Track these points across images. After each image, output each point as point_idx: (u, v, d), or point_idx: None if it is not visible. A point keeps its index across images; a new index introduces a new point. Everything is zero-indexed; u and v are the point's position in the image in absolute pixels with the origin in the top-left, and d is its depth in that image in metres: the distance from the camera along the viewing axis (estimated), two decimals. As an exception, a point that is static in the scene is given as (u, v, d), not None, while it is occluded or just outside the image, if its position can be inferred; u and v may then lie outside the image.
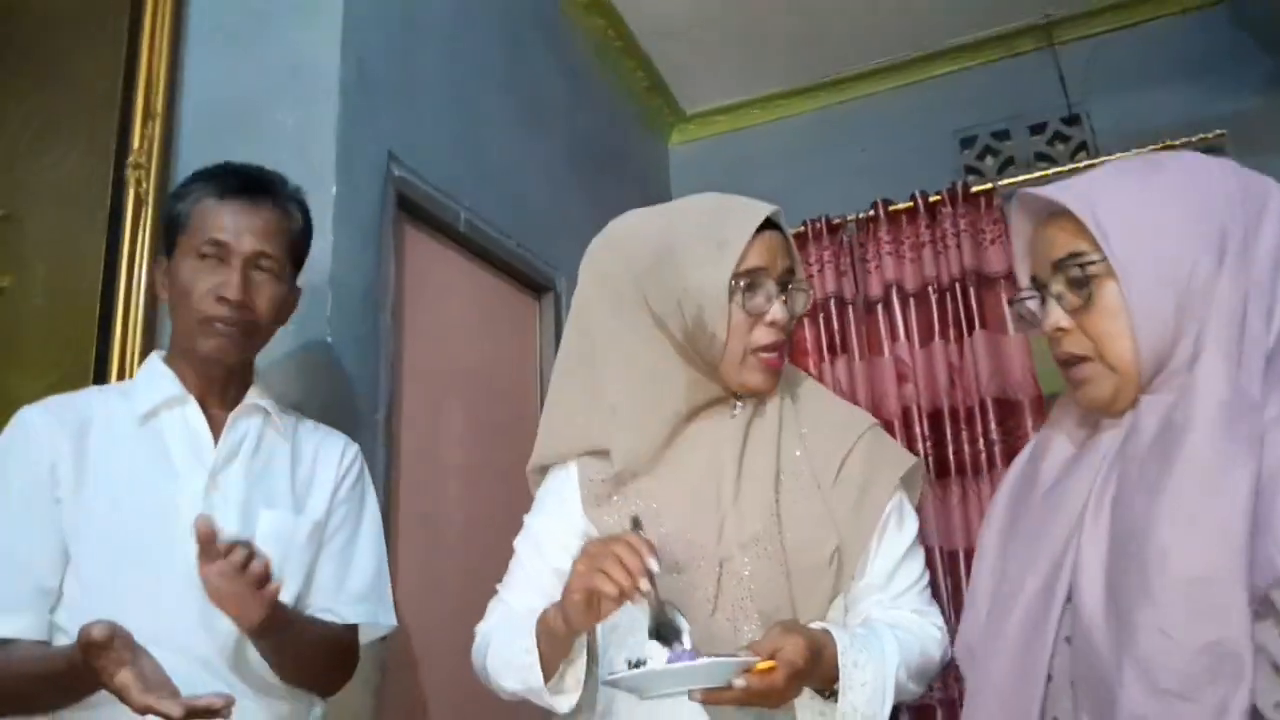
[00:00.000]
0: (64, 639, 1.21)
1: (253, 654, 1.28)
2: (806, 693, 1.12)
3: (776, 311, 1.23)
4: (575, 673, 1.19)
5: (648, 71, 3.69)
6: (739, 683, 1.00)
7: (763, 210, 1.26)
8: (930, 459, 3.01)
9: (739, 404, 1.30)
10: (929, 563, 2.77)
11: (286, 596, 1.32)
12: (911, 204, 3.26)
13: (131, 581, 1.19)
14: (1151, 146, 3.09)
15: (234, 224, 1.34)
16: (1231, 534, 0.81)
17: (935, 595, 1.34)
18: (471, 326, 2.46)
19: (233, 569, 1.10)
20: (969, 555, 2.82)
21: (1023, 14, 3.45)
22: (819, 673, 1.09)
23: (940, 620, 1.28)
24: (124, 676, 1.04)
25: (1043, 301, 1.02)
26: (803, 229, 3.40)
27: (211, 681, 1.21)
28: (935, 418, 3.03)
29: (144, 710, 1.04)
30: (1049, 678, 0.94)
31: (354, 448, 1.53)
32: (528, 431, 2.66)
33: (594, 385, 1.33)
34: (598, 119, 3.35)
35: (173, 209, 1.39)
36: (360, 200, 1.97)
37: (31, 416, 1.31)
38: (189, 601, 1.21)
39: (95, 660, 1.04)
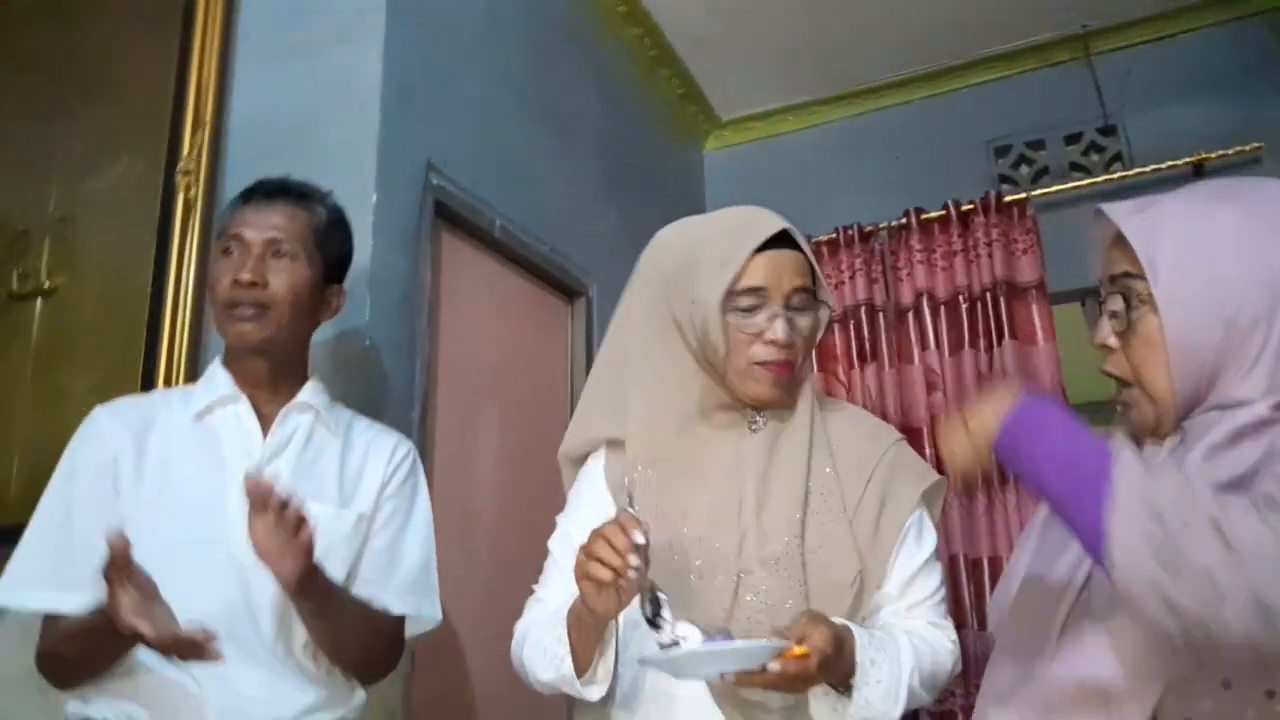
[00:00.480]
0: None
1: (297, 642, 1.34)
2: (821, 685, 1.14)
3: (777, 330, 1.24)
4: (606, 663, 1.22)
5: (683, 79, 3.73)
6: (774, 666, 1.01)
7: (768, 229, 1.27)
8: (957, 468, 3.02)
9: (759, 417, 1.32)
10: (952, 570, 2.83)
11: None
12: (944, 213, 3.28)
13: (181, 569, 1.24)
14: (1187, 159, 3.10)
15: (251, 219, 1.43)
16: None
17: (958, 603, 1.37)
18: (505, 330, 2.52)
19: (275, 517, 1.16)
20: (993, 563, 2.85)
21: (1059, 24, 3.44)
22: (839, 666, 1.11)
23: (953, 634, 1.29)
24: (120, 598, 1.10)
25: (1099, 314, 1.03)
26: (834, 236, 3.43)
27: (255, 667, 1.27)
28: (963, 427, 3.05)
29: (129, 630, 1.09)
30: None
31: (406, 445, 1.58)
32: (558, 433, 2.72)
33: (622, 380, 1.38)
34: (632, 127, 3.40)
35: (216, 227, 1.50)
36: (399, 208, 2.04)
37: (101, 416, 1.41)
38: (235, 589, 1.28)
39: (108, 573, 1.10)
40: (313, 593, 1.25)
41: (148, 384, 1.98)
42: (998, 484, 2.93)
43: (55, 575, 1.30)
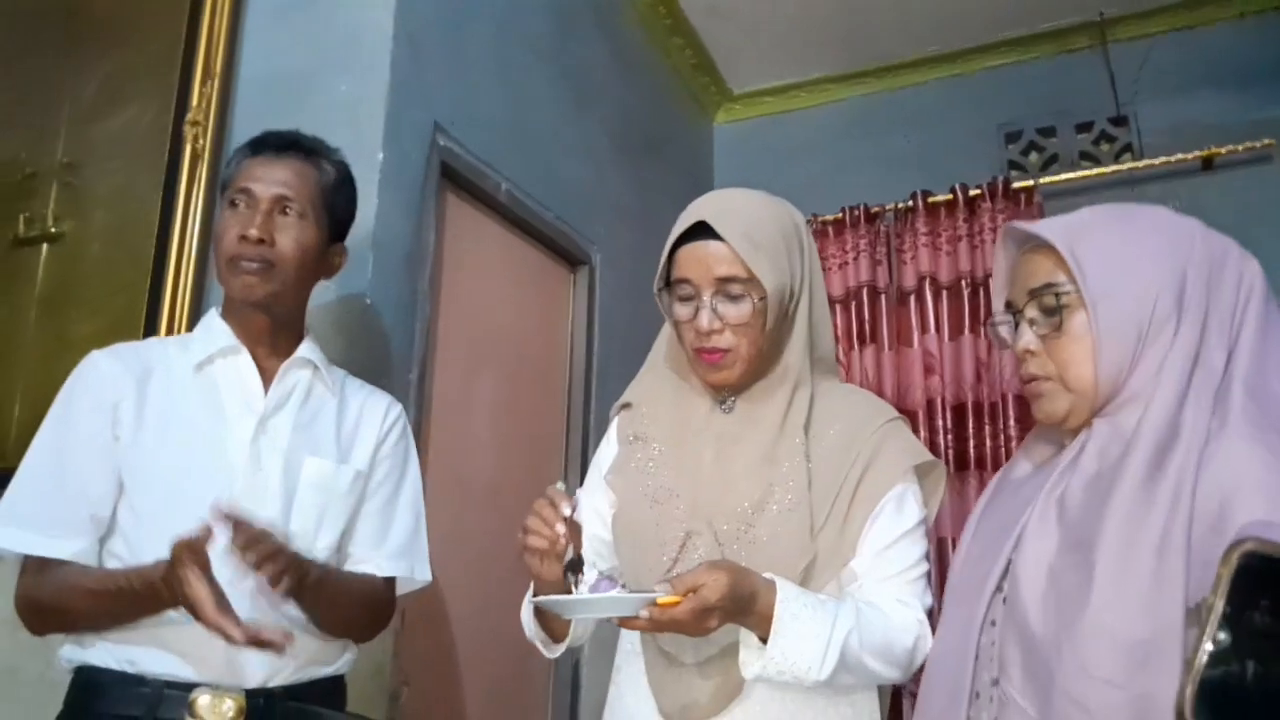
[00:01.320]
0: (116, 565, 1.31)
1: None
2: (747, 632, 1.19)
3: (700, 320, 1.28)
4: (564, 626, 1.34)
5: (696, 50, 3.71)
6: (643, 614, 1.09)
7: (687, 222, 1.32)
8: (951, 452, 3.04)
9: (727, 399, 1.37)
10: (942, 554, 2.85)
11: (325, 542, 1.41)
12: (951, 196, 3.28)
13: (181, 516, 1.24)
14: (1198, 152, 3.09)
15: (261, 173, 1.42)
16: (1151, 571, 0.92)
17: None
18: (506, 294, 2.53)
19: (251, 546, 1.19)
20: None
21: (1077, 11, 3.42)
22: (753, 615, 1.15)
23: (923, 614, 1.29)
24: (200, 591, 1.13)
25: (1015, 326, 1.13)
26: (840, 215, 3.43)
27: (252, 613, 1.29)
28: (959, 411, 3.07)
29: (214, 627, 1.13)
30: (975, 656, 1.07)
31: (398, 407, 1.59)
32: (555, 399, 2.75)
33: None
34: (643, 96, 3.39)
35: (222, 176, 1.47)
36: (405, 167, 2.04)
37: (100, 360, 1.40)
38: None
39: (179, 568, 1.12)
40: (304, 593, 1.29)
41: (150, 332, 1.99)
42: (991, 468, 2.95)
43: (49, 519, 1.30)
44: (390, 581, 1.49)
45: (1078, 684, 0.92)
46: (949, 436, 3.04)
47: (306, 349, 1.49)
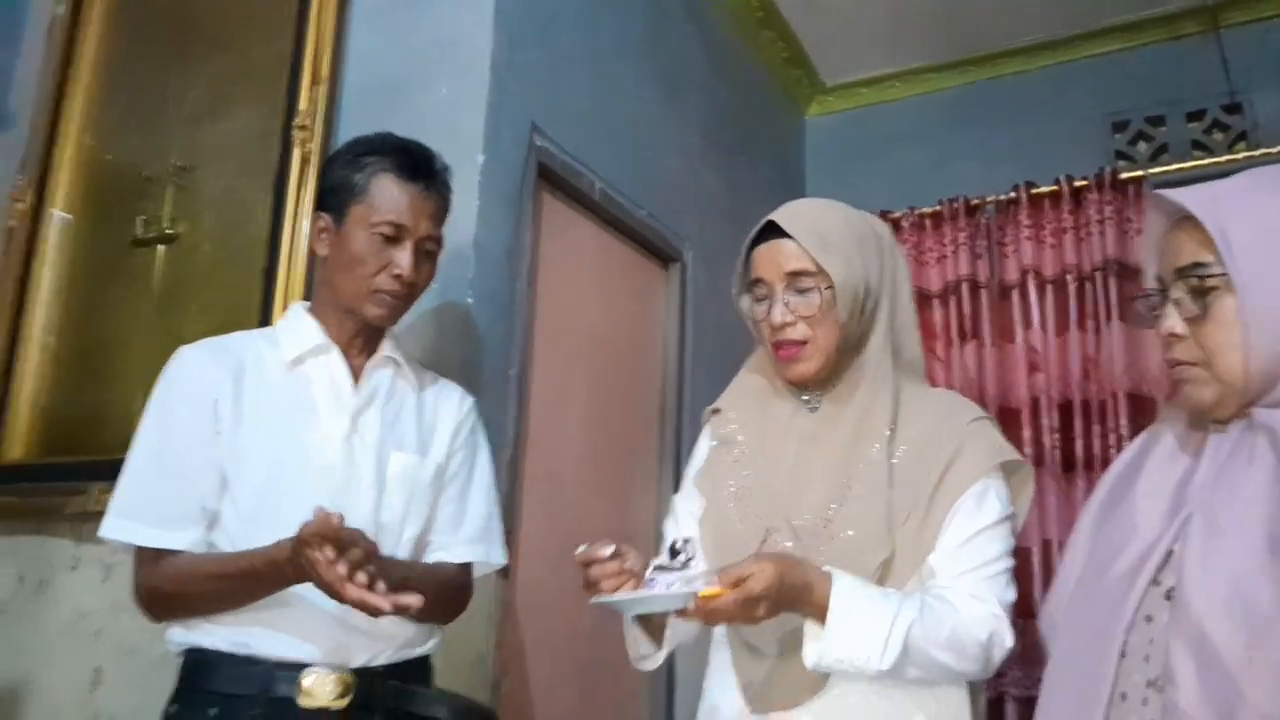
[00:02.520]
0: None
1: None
2: (811, 622, 1.20)
3: (775, 314, 1.33)
4: (655, 643, 1.38)
5: (788, 42, 3.67)
6: (690, 606, 1.12)
7: (760, 225, 1.38)
8: (1057, 451, 2.95)
9: (810, 397, 1.40)
10: (1047, 556, 2.77)
11: (411, 534, 1.46)
12: (1055, 188, 3.19)
13: (280, 511, 1.29)
14: (1319, 140, 2.93)
15: (412, 208, 1.44)
16: None
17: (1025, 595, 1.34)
18: (600, 293, 2.54)
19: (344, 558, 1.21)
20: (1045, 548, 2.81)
21: (1188, -6, 3.28)
22: (810, 606, 1.17)
23: (1000, 609, 1.25)
24: (335, 571, 1.16)
25: (1163, 304, 1.02)
26: (939, 208, 3.36)
27: (344, 610, 1.33)
28: (1065, 409, 2.97)
29: (357, 604, 1.17)
30: (1123, 654, 0.97)
31: (470, 399, 1.63)
32: (648, 395, 2.75)
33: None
34: (734, 90, 3.36)
35: (347, 176, 1.46)
36: (504, 169, 2.07)
37: (194, 355, 1.44)
38: None
39: (308, 549, 1.16)
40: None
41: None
42: (1100, 469, 2.85)
43: (163, 512, 1.34)
44: (467, 566, 1.53)
45: (1278, 706, 0.83)
46: (1055, 436, 2.95)
47: (389, 347, 1.52)
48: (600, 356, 2.51)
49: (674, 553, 1.18)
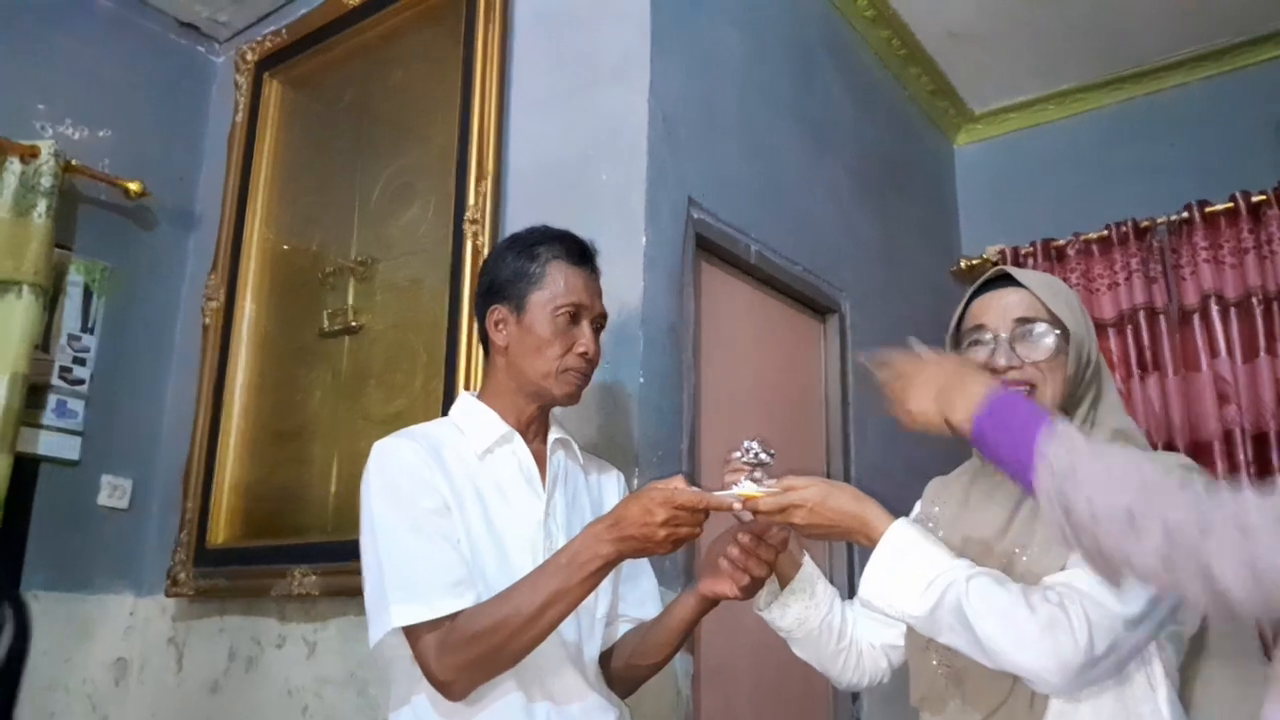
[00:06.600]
0: None
1: (594, 668, 1.48)
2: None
3: (999, 359, 1.32)
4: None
5: (933, 76, 3.62)
6: (736, 506, 1.29)
7: (987, 275, 1.39)
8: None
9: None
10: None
11: (602, 611, 1.51)
12: (1231, 205, 3.02)
13: (490, 591, 1.35)
14: None
15: (587, 289, 1.54)
16: None
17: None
18: (760, 354, 2.56)
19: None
20: None
21: (1371, -15, 3.06)
22: (860, 536, 1.24)
23: (1079, 620, 1.09)
24: (714, 498, 1.32)
25: None
26: (1106, 233, 3.23)
27: (570, 669, 1.41)
28: (1260, 441, 2.80)
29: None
30: None
31: (622, 475, 1.72)
32: (815, 448, 2.74)
33: None
34: (880, 129, 3.34)
35: (523, 266, 1.53)
36: (664, 245, 2.12)
37: (399, 443, 1.49)
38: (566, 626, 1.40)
39: (668, 507, 1.30)
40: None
41: (448, 411, 2.17)
42: None
43: (443, 582, 1.35)
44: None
45: None
46: (1251, 470, 2.77)
47: (558, 430, 1.59)
48: (765, 415, 2.52)
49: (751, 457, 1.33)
